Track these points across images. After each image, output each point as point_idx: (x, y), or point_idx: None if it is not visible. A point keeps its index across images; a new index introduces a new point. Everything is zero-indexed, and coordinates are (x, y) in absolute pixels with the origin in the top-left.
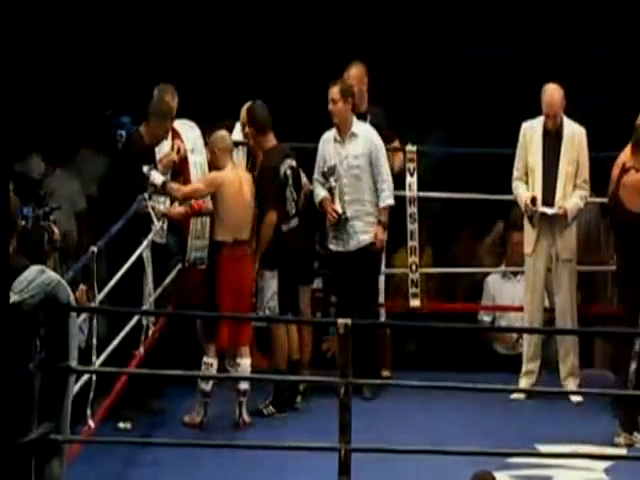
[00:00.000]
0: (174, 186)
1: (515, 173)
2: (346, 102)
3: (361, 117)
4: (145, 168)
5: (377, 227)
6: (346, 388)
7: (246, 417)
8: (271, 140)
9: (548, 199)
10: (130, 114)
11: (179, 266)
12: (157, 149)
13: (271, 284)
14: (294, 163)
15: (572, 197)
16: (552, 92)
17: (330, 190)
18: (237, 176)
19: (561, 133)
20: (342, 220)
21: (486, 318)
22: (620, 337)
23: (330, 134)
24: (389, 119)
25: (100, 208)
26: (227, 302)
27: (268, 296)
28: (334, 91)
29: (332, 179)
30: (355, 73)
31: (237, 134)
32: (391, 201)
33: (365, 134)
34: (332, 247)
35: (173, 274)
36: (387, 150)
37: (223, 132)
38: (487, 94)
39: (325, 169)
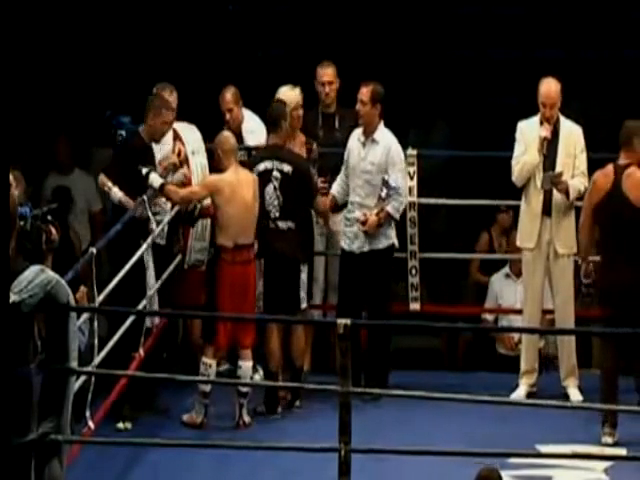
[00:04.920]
0: (172, 189)
1: (514, 161)
2: (374, 106)
3: (330, 118)
4: (144, 170)
5: (373, 214)
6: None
7: (246, 418)
8: (270, 139)
9: (547, 191)
10: (130, 114)
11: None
12: (157, 149)
13: (258, 282)
14: (287, 168)
15: (573, 180)
16: (549, 83)
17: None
18: (237, 179)
19: (557, 129)
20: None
21: (489, 317)
22: (620, 338)
23: (357, 133)
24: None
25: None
26: (226, 307)
27: (257, 295)
28: (364, 92)
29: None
30: (328, 73)
31: None
32: (392, 211)
33: (385, 143)
34: (344, 246)
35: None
36: None
37: (227, 133)
38: (486, 94)
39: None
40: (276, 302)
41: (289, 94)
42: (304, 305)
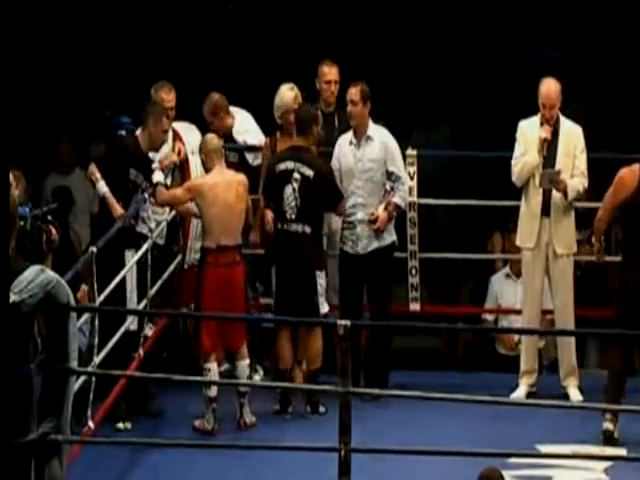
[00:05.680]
0: (160, 189)
1: (514, 161)
2: (365, 105)
3: (329, 117)
4: (153, 165)
5: (381, 210)
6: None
7: (247, 418)
8: (287, 142)
9: (546, 192)
10: (130, 114)
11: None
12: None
13: (274, 283)
14: (308, 171)
15: (572, 180)
16: (549, 84)
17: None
18: (222, 180)
19: (557, 129)
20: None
21: (489, 317)
22: (619, 338)
23: (347, 137)
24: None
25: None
26: (209, 308)
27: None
28: (353, 93)
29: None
30: (333, 72)
31: None
32: (400, 201)
33: (381, 138)
34: (346, 249)
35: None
36: None
37: (211, 134)
38: (486, 94)
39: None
40: (290, 306)
41: (288, 94)
42: (325, 309)
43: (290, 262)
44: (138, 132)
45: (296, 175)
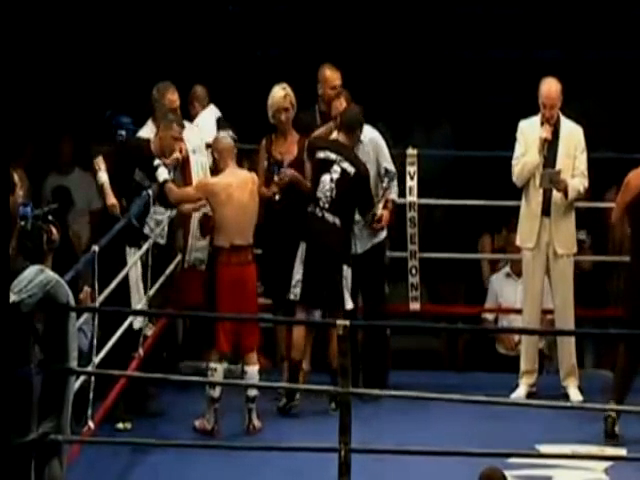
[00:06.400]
0: (171, 187)
1: (514, 161)
2: None
3: (330, 117)
4: (156, 162)
5: (380, 208)
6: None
7: (256, 422)
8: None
9: (547, 192)
10: (130, 114)
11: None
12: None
13: (298, 270)
14: (350, 168)
15: (573, 180)
16: (550, 84)
17: None
18: (236, 180)
19: (558, 129)
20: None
21: (489, 317)
22: (619, 339)
23: None
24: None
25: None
26: (224, 309)
27: (294, 282)
28: (338, 104)
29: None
30: (337, 76)
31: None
32: (395, 196)
33: (367, 136)
34: None
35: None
36: None
37: (222, 133)
38: (486, 94)
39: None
40: (316, 294)
41: (278, 94)
42: (350, 306)
43: (319, 248)
44: (151, 135)
45: (336, 167)
